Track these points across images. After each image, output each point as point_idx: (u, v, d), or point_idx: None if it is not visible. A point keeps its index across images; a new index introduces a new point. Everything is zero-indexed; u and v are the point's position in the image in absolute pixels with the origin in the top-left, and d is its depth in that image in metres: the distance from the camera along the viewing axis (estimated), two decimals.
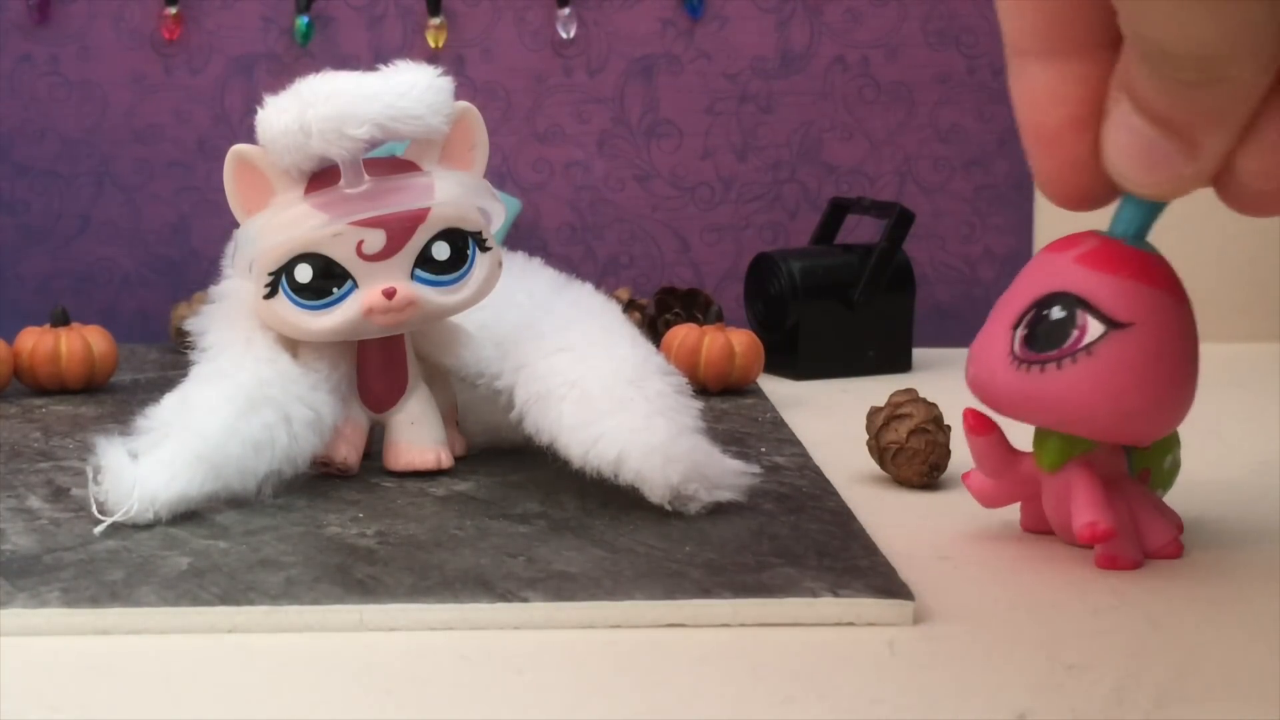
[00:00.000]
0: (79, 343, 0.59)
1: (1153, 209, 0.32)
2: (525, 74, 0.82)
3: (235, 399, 0.38)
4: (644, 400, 0.38)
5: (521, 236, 0.82)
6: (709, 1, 0.82)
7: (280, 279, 0.39)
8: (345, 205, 0.38)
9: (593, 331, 0.42)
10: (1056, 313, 0.32)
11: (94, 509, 0.35)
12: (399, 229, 0.39)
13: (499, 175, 0.83)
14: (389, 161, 0.40)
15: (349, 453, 0.41)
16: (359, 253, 0.39)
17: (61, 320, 0.60)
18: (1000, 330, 0.34)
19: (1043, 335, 0.32)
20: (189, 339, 0.42)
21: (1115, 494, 0.34)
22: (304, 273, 0.39)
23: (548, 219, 0.83)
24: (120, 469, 0.36)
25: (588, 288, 0.45)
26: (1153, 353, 0.32)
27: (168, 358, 0.71)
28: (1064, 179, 0.32)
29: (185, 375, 0.40)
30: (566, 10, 0.81)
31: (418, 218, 0.39)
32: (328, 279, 0.39)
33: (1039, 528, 0.37)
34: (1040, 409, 0.33)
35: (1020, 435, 0.35)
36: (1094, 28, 0.31)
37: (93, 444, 0.37)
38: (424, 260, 0.40)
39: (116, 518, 0.35)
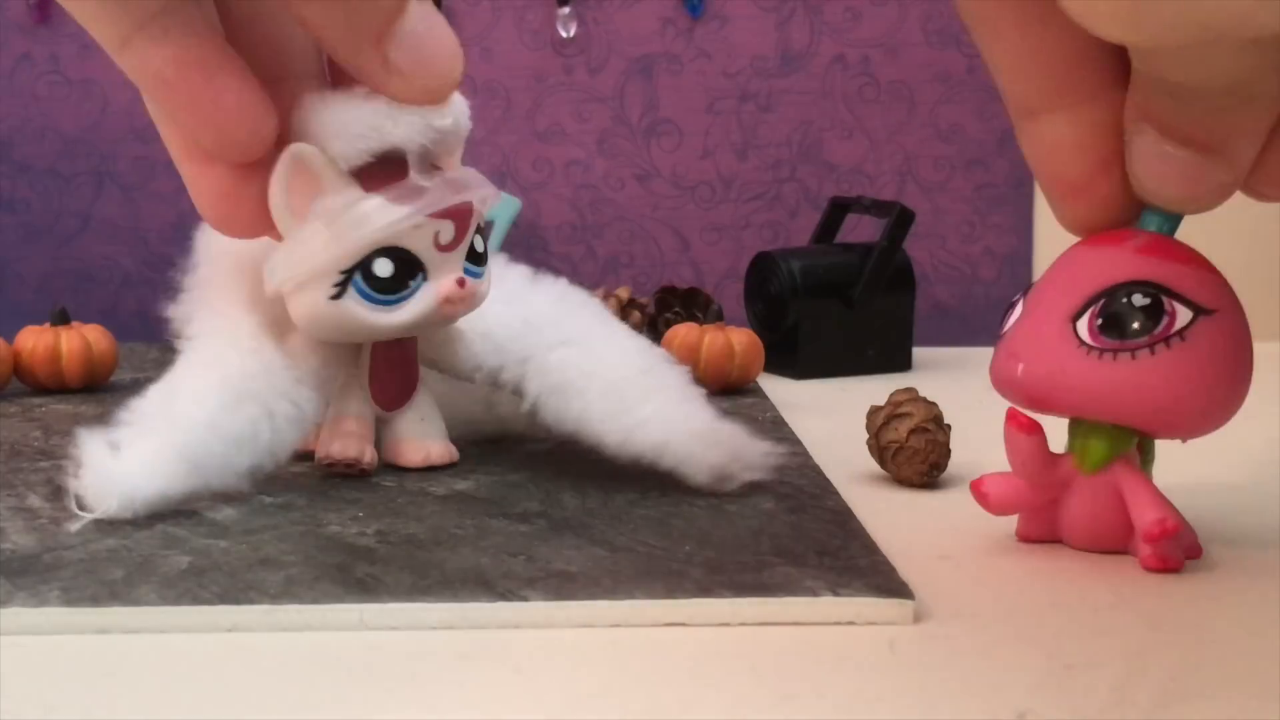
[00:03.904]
0: (79, 342, 0.59)
1: (1176, 220, 0.33)
2: (525, 73, 0.82)
3: (220, 392, 0.37)
4: (666, 389, 0.40)
5: (521, 236, 0.82)
6: (709, 1, 0.82)
7: (352, 277, 0.38)
8: (422, 197, 0.37)
9: (589, 324, 0.43)
10: (1139, 299, 0.31)
11: (73, 504, 0.35)
12: (462, 221, 0.39)
13: (499, 175, 0.83)
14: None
15: (370, 452, 0.42)
16: (436, 244, 0.38)
17: (61, 319, 0.60)
18: (1053, 325, 0.32)
19: (1126, 322, 0.31)
20: (174, 327, 0.42)
21: None
22: (384, 267, 0.38)
23: (548, 218, 0.84)
24: (100, 465, 0.35)
25: (563, 281, 0.45)
26: (1237, 340, 0.32)
27: (168, 357, 0.71)
28: (1095, 218, 0.33)
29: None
30: (566, 9, 0.81)
31: (470, 210, 0.39)
32: (404, 273, 0.38)
33: (1040, 536, 0.36)
34: (1128, 397, 0.32)
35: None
36: (1101, 73, 0.30)
37: (77, 438, 0.36)
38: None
39: (95, 515, 0.35)
